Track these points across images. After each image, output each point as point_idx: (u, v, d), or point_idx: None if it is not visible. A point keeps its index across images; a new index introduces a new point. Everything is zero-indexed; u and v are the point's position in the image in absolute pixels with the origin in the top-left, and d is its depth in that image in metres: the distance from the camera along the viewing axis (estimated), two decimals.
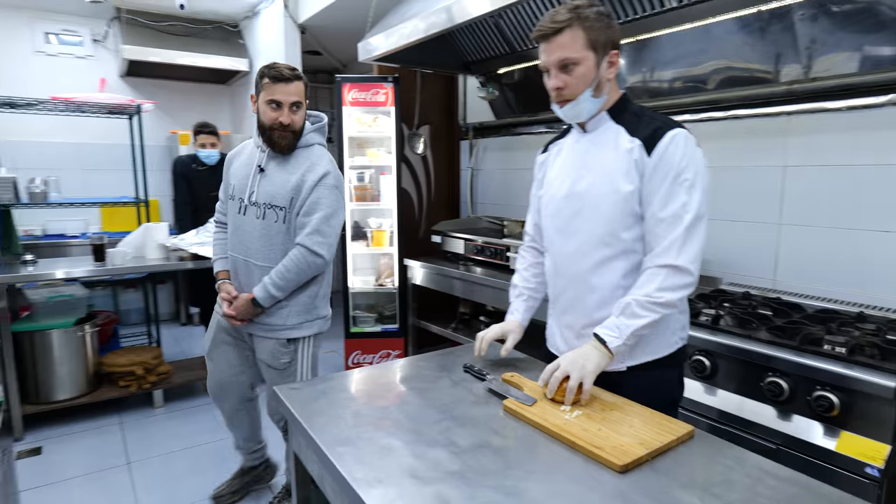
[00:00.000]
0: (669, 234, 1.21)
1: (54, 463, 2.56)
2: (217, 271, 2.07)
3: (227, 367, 2.12)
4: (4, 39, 4.39)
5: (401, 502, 0.87)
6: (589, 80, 1.26)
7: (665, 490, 0.90)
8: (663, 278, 1.21)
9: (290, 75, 1.87)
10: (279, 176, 1.93)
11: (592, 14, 1.25)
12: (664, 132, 1.23)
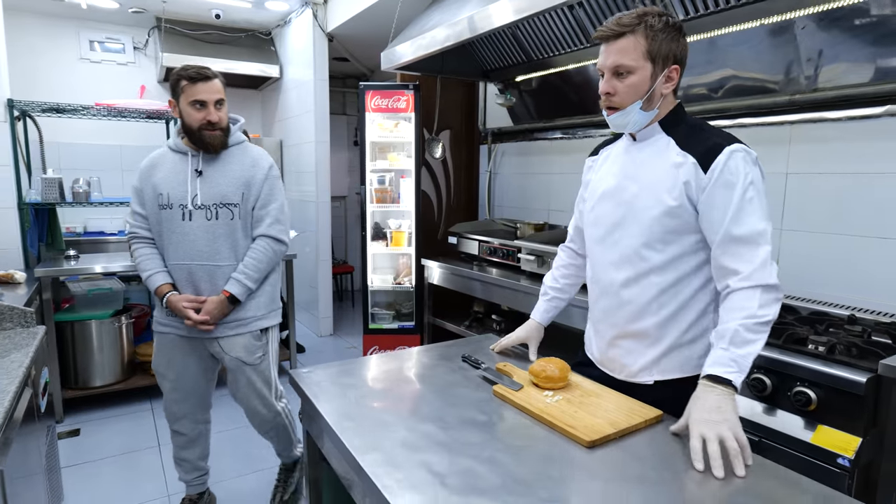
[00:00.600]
0: (754, 255, 1.14)
1: (91, 443, 2.77)
2: (160, 285, 1.94)
3: (192, 380, 2.06)
4: (52, 48, 4.68)
5: (390, 467, 0.99)
6: (641, 92, 1.21)
7: (626, 462, 1.00)
8: (760, 297, 1.13)
9: (210, 73, 1.88)
10: (222, 175, 1.93)
11: (659, 24, 1.19)
12: (722, 148, 1.18)
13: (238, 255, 1.96)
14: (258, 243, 1.97)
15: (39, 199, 3.24)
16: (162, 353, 2.03)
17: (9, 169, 3.14)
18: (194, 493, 2.20)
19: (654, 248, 1.25)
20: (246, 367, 2.01)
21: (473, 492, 0.91)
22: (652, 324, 1.27)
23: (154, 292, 1.96)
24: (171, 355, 2.01)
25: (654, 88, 1.21)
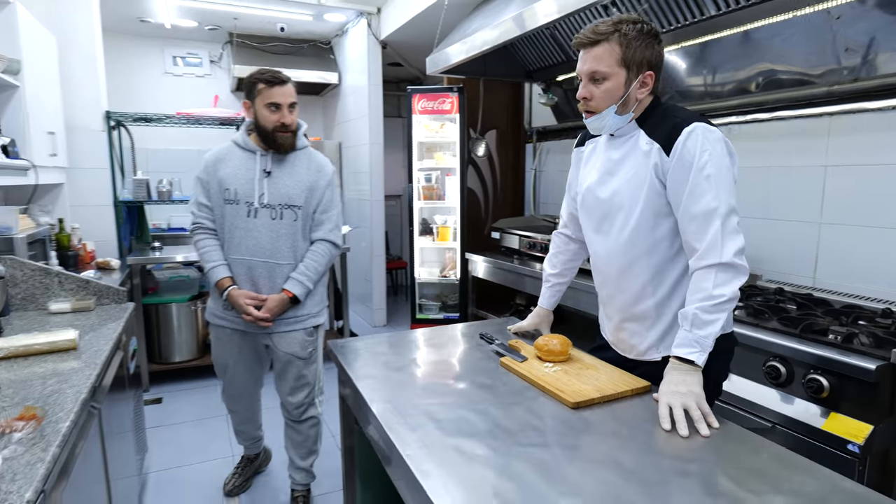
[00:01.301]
0: (707, 232, 1.19)
1: (171, 410, 3.16)
2: (221, 278, 1.99)
3: (249, 373, 2.16)
4: (142, 64, 5.23)
5: (398, 414, 1.18)
6: (616, 97, 1.27)
7: (604, 421, 1.14)
8: (715, 276, 1.18)
9: (285, 78, 1.95)
10: (289, 177, 2.00)
11: (633, 31, 1.23)
12: (681, 129, 1.22)
13: (296, 255, 2.02)
14: (319, 247, 2.05)
15: (131, 197, 3.68)
16: (219, 345, 2.11)
17: (106, 172, 3.60)
18: (251, 453, 2.45)
19: (640, 235, 1.33)
20: (298, 362, 2.08)
21: (461, 434, 1.08)
22: (650, 306, 1.37)
23: (215, 284, 2.01)
24: (227, 347, 2.09)
25: (629, 94, 1.28)
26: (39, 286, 2.15)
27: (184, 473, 2.52)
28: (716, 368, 1.34)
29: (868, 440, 1.46)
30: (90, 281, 2.22)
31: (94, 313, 2.09)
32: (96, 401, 1.48)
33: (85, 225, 3.39)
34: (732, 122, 2.64)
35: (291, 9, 4.47)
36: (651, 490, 0.89)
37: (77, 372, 1.48)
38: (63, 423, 1.17)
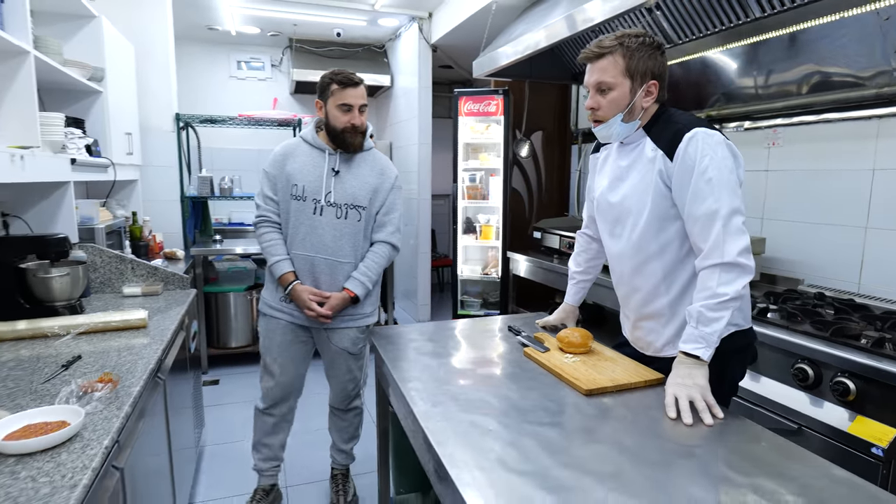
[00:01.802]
0: (710, 233, 1.24)
1: (226, 391, 3.41)
2: (285, 273, 2.00)
3: (295, 367, 2.14)
4: (209, 69, 5.58)
5: (423, 392, 1.29)
6: (622, 106, 1.34)
7: (614, 407, 1.21)
8: (718, 276, 1.22)
9: (358, 80, 1.96)
10: (355, 178, 2.02)
11: (636, 44, 1.30)
12: (682, 134, 1.28)
13: (356, 254, 2.04)
14: (380, 248, 2.06)
15: (196, 193, 3.97)
16: (272, 337, 2.09)
17: (175, 169, 3.90)
18: (267, 483, 2.24)
19: (649, 239, 1.38)
20: (348, 357, 2.12)
21: (478, 411, 1.18)
22: (664, 304, 1.42)
23: (279, 279, 2.02)
24: (280, 339, 2.08)
25: (634, 102, 1.34)
26: (115, 271, 2.40)
27: (235, 449, 2.72)
28: (732, 366, 1.39)
29: (893, 444, 1.45)
30: (158, 268, 2.45)
31: (161, 297, 2.31)
32: (161, 373, 1.67)
33: (155, 218, 3.70)
34: (778, 125, 2.61)
35: (347, 15, 4.67)
36: (650, 468, 0.96)
37: (146, 347, 1.67)
38: (134, 387, 1.35)
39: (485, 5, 3.64)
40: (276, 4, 4.40)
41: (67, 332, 1.75)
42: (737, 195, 1.26)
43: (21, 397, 1.27)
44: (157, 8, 3.74)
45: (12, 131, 1.87)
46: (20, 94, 1.88)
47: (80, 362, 1.52)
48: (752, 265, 1.24)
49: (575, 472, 0.95)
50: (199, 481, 2.45)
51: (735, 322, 1.37)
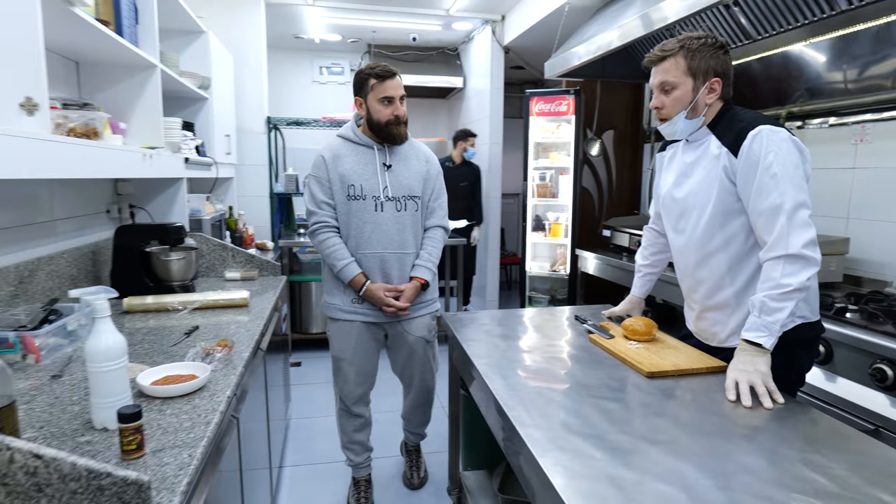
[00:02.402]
0: (773, 227, 1.27)
1: (308, 372, 3.70)
2: (356, 275, 2.01)
3: (371, 365, 2.17)
4: (294, 75, 5.98)
5: (495, 367, 1.41)
6: (685, 103, 1.41)
7: (673, 388, 1.29)
8: (782, 268, 1.25)
9: (394, 70, 1.98)
10: (406, 169, 2.05)
11: (697, 44, 1.37)
12: (747, 132, 1.32)
13: (418, 243, 2.09)
14: (435, 233, 2.12)
15: (282, 190, 4.30)
16: (346, 339, 2.10)
17: (265, 168, 4.25)
18: (365, 474, 2.29)
19: (713, 232, 1.44)
20: (426, 344, 2.18)
21: (544, 383, 1.29)
22: (730, 294, 1.46)
23: (350, 283, 2.01)
24: (356, 341, 2.09)
25: (697, 100, 1.41)
26: (218, 258, 2.69)
27: (317, 423, 2.97)
28: (799, 357, 1.42)
29: None
30: (255, 256, 2.73)
31: (256, 282, 2.58)
32: (262, 345, 1.90)
33: (247, 212, 4.05)
34: (867, 121, 2.52)
35: (423, 20, 4.87)
36: (704, 438, 1.04)
37: (250, 322, 1.90)
38: (245, 352, 1.57)
39: (558, 7, 3.71)
40: (357, 13, 4.66)
41: (185, 306, 2.02)
42: (802, 189, 1.29)
43: (156, 356, 1.52)
44: (252, 21, 4.09)
45: (142, 134, 2.17)
46: (149, 102, 2.19)
47: (198, 331, 1.77)
48: (817, 258, 1.26)
49: (631, 438, 1.04)
50: (287, 449, 2.70)
51: (802, 314, 1.40)
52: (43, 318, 1.57)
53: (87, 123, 1.64)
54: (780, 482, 0.89)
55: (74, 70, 2.09)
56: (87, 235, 2.23)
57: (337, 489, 2.33)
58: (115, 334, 1.09)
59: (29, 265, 1.76)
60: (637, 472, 0.92)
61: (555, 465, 0.94)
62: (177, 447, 1.02)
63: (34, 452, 0.78)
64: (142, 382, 1.25)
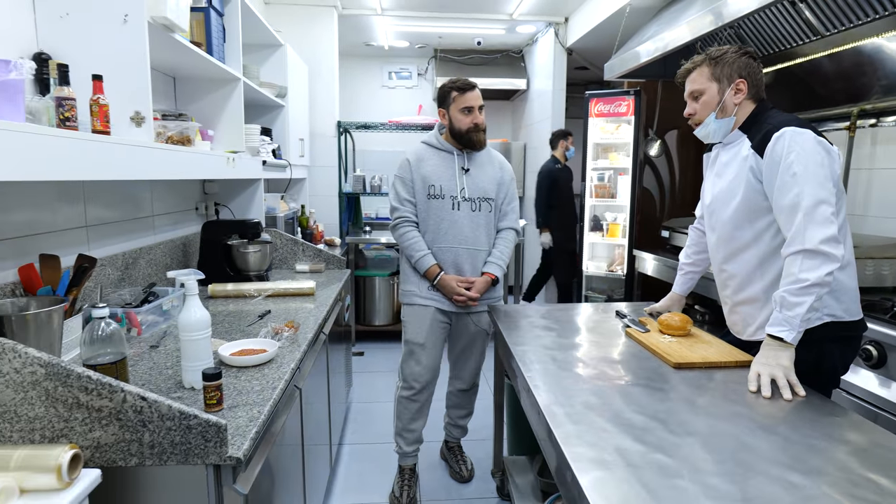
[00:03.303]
0: (792, 223, 1.33)
1: (370, 361, 3.92)
2: (432, 266, 2.17)
3: (438, 350, 2.29)
4: (364, 80, 6.28)
5: (532, 355, 1.53)
6: (712, 106, 1.51)
7: (698, 379, 1.35)
8: (800, 263, 1.30)
9: (473, 83, 2.17)
10: (483, 173, 2.23)
11: (719, 53, 1.49)
12: (772, 133, 1.39)
13: (490, 242, 2.25)
14: (508, 234, 2.28)
15: (351, 190, 4.57)
16: (419, 324, 2.24)
17: (335, 169, 4.54)
18: (411, 463, 2.38)
19: (742, 229, 1.50)
20: (485, 336, 2.33)
21: (573, 369, 1.40)
22: (759, 289, 1.50)
23: (425, 273, 2.19)
24: (428, 326, 2.23)
25: (725, 100, 1.50)
26: (290, 252, 2.95)
27: (376, 407, 3.17)
28: (830, 355, 1.43)
29: None
30: (322, 251, 2.97)
31: (323, 274, 2.81)
32: (325, 330, 2.10)
33: (317, 210, 4.35)
34: None
35: (487, 25, 5.00)
36: (713, 419, 1.11)
37: (315, 308, 2.12)
38: (309, 333, 1.77)
39: (619, 7, 3.73)
40: (423, 21, 4.86)
41: (259, 293, 2.26)
42: (824, 188, 1.32)
43: (234, 334, 1.75)
44: (326, 32, 4.39)
45: (227, 139, 2.45)
46: (233, 111, 2.46)
47: (270, 315, 2.00)
48: (836, 254, 1.29)
49: (644, 417, 1.13)
50: (347, 429, 2.92)
51: (832, 312, 1.42)
52: (143, 299, 1.85)
53: (182, 132, 1.90)
54: (779, 461, 0.96)
55: (172, 84, 2.39)
56: (179, 229, 2.54)
57: (391, 469, 2.50)
58: (202, 310, 1.31)
59: (132, 254, 2.06)
60: (643, 444, 1.01)
61: (567, 435, 1.05)
62: (248, 405, 1.22)
63: (141, 395, 0.99)
64: (222, 353, 1.47)
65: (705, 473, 0.92)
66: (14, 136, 1.01)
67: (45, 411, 0.99)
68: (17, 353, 0.96)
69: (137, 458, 1.01)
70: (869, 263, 2.33)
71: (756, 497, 0.85)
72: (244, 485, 1.07)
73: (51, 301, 1.36)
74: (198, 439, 1.01)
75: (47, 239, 1.61)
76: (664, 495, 0.86)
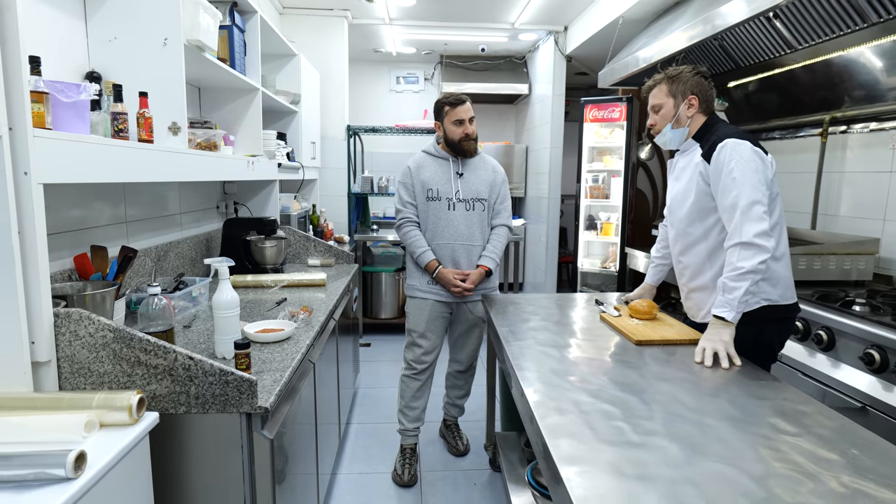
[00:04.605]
0: (731, 220, 1.55)
1: (377, 352, 4.17)
2: (431, 261, 2.41)
3: (437, 337, 2.52)
4: (373, 85, 6.53)
5: (512, 334, 1.75)
6: (669, 118, 1.75)
7: (655, 353, 1.57)
8: (738, 253, 1.52)
9: (464, 98, 2.41)
10: (476, 177, 2.46)
11: (676, 73, 1.73)
12: (717, 144, 1.61)
13: (484, 238, 2.47)
14: (501, 231, 2.51)
15: (359, 190, 4.81)
16: (421, 314, 2.48)
17: (344, 171, 4.78)
18: (412, 443, 2.57)
19: (694, 226, 1.74)
20: (482, 323, 2.56)
21: (548, 346, 1.62)
22: (709, 278, 1.73)
23: (425, 267, 2.43)
24: (428, 316, 2.46)
25: (679, 114, 1.75)
26: (302, 248, 3.20)
27: (382, 392, 3.41)
28: (767, 333, 1.66)
29: None
30: (332, 247, 3.21)
31: (333, 268, 3.05)
32: (334, 317, 2.34)
33: (328, 209, 4.59)
34: None
35: (491, 33, 5.23)
36: (660, 382, 1.33)
37: (325, 297, 2.36)
38: (321, 317, 2.01)
39: (613, 19, 3.94)
40: (430, 29, 5.10)
41: (276, 284, 2.51)
42: (758, 190, 1.54)
43: (255, 317, 1.99)
44: (337, 41, 4.64)
45: (246, 144, 2.69)
46: (251, 118, 2.71)
47: (286, 302, 2.24)
48: (768, 245, 1.51)
49: (601, 379, 1.36)
50: (354, 410, 3.16)
51: (768, 297, 1.64)
52: (174, 287, 2.09)
53: (209, 139, 2.15)
54: (702, 411, 1.18)
55: (198, 94, 2.64)
56: (202, 226, 2.79)
57: (394, 446, 2.73)
58: (232, 292, 1.55)
59: (163, 247, 2.31)
60: (594, 398, 1.24)
61: (536, 392, 1.28)
62: (272, 371, 1.46)
63: (189, 355, 1.24)
64: (248, 331, 1.71)
65: (640, 418, 1.15)
66: (83, 147, 1.25)
67: (113, 368, 1.23)
68: (91, 321, 1.20)
69: (185, 406, 1.26)
70: (832, 259, 2.54)
71: (673, 433, 1.08)
72: (270, 431, 1.31)
73: (103, 285, 1.61)
74: (233, 392, 1.25)
75: (95, 233, 1.86)
76: (602, 431, 1.09)
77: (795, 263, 2.51)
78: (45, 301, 1.14)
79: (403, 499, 2.33)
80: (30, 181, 1.08)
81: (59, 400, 1.10)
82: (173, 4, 1.76)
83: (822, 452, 1.02)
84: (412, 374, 2.54)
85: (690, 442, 1.05)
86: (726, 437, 1.07)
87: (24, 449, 0.92)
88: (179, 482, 1.29)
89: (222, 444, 1.28)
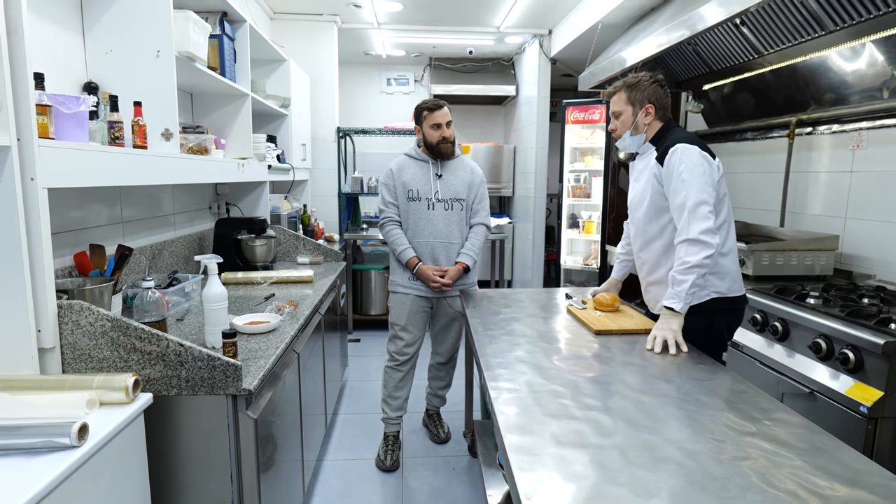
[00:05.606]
0: (680, 218, 1.69)
1: (366, 347, 4.30)
2: (411, 257, 2.54)
3: (419, 331, 2.64)
4: (363, 87, 6.66)
5: (482, 325, 1.89)
6: (628, 125, 1.88)
7: (612, 342, 1.71)
8: (685, 249, 1.66)
9: (442, 103, 2.54)
10: (454, 178, 2.59)
11: (635, 81, 1.84)
12: (669, 148, 1.74)
13: (462, 236, 2.60)
14: (479, 229, 2.63)
15: (349, 190, 4.94)
16: (402, 309, 2.61)
17: (335, 171, 4.91)
18: (395, 430, 2.72)
19: (651, 224, 1.87)
20: (461, 318, 2.65)
21: (515, 335, 1.76)
22: (664, 272, 1.86)
23: (406, 263, 2.56)
24: (409, 310, 2.60)
25: (637, 121, 1.88)
26: (292, 246, 3.32)
27: (370, 385, 3.55)
28: (716, 323, 1.80)
29: (876, 403, 1.72)
30: (321, 246, 3.34)
31: (321, 266, 3.18)
32: (319, 310, 2.47)
33: (318, 209, 4.72)
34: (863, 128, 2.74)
35: (478, 36, 5.36)
36: (610, 366, 1.47)
37: (312, 293, 2.48)
38: (306, 310, 2.14)
39: (592, 24, 4.08)
40: (418, 33, 5.23)
41: (265, 280, 2.64)
42: (705, 191, 1.68)
43: (244, 310, 2.12)
44: (327, 45, 4.76)
45: (237, 147, 2.82)
46: (242, 123, 2.83)
47: (274, 297, 2.37)
48: (713, 242, 1.65)
49: (557, 364, 1.49)
50: (342, 402, 3.29)
51: (717, 290, 1.78)
52: (168, 283, 2.22)
53: (201, 143, 2.28)
54: (642, 390, 1.32)
55: (189, 100, 2.77)
56: (195, 226, 2.92)
57: (380, 436, 2.87)
58: (221, 286, 1.68)
59: (158, 246, 2.43)
60: (548, 380, 1.38)
61: (495, 375, 1.42)
62: (256, 358, 1.59)
63: (180, 343, 1.36)
64: (236, 323, 1.84)
65: (583, 395, 1.28)
66: (83, 154, 1.38)
67: (111, 354, 1.36)
68: (91, 311, 1.33)
69: (177, 389, 1.39)
70: (794, 255, 2.69)
71: (612, 408, 1.21)
72: (254, 411, 1.44)
73: (101, 280, 1.73)
74: (220, 376, 1.38)
75: (93, 232, 1.99)
76: (548, 406, 1.22)
77: (760, 259, 2.65)
78: (49, 293, 1.27)
79: (386, 483, 2.46)
80: (36, 186, 1.21)
81: (63, 381, 1.22)
82: (165, 19, 1.88)
83: (741, 424, 1.16)
84: (395, 365, 2.67)
85: (625, 416, 1.18)
86: (657, 412, 1.20)
87: (33, 422, 1.05)
88: (172, 457, 1.42)
89: (211, 423, 1.41)
